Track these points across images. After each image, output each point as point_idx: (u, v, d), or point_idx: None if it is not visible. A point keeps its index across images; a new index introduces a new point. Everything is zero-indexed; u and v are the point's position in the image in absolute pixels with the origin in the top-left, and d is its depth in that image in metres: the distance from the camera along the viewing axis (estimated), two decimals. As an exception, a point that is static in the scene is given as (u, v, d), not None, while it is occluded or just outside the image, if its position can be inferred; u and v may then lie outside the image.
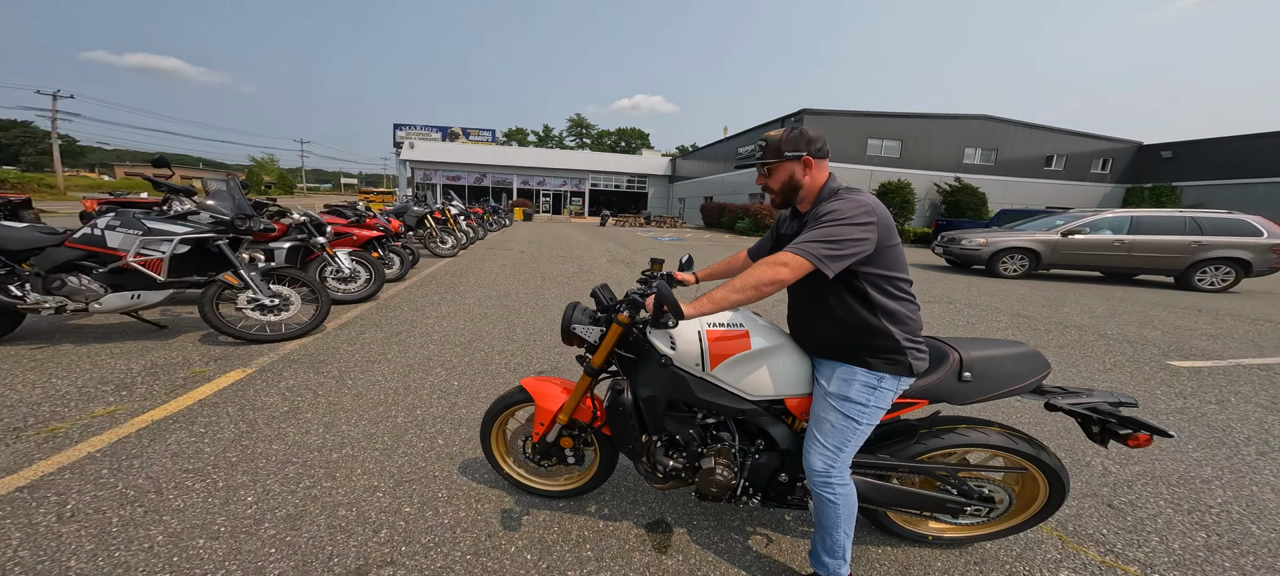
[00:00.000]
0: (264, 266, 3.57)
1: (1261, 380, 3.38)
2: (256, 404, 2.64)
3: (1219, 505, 1.88)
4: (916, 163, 22.81)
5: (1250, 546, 1.64)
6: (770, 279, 1.18)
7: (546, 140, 70.28)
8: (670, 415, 1.53)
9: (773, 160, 1.33)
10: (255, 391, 2.79)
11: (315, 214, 4.76)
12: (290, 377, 3.01)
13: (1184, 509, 1.85)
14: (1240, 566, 1.55)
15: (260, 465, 2.05)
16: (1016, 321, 5.17)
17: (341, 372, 3.13)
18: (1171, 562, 1.57)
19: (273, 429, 2.37)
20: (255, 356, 3.31)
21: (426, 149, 36.09)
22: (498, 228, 16.71)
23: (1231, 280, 7.76)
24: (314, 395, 2.78)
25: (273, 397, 2.72)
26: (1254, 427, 2.60)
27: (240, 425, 2.39)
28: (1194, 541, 1.67)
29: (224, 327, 3.41)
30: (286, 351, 3.44)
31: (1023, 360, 1.37)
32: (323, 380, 3.00)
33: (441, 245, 8.78)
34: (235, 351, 3.39)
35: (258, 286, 3.41)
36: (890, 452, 1.48)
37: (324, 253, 4.55)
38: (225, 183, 3.52)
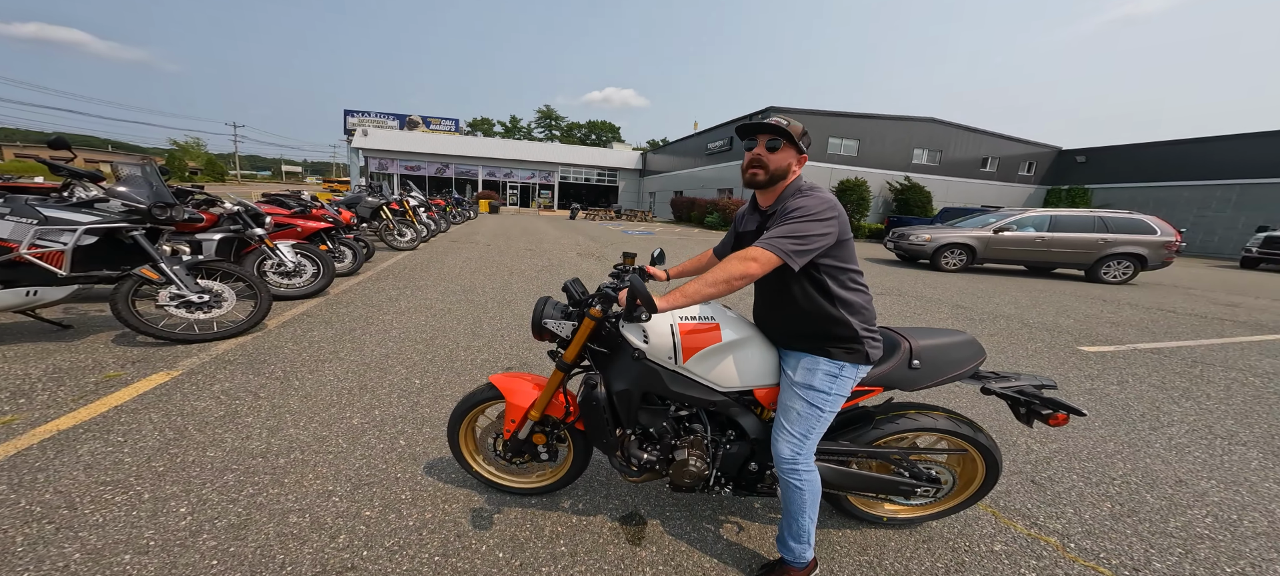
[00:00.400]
0: (190, 260, 3.22)
1: (1153, 363, 3.88)
2: (185, 409, 2.40)
3: (1120, 477, 2.14)
4: (871, 161, 24.07)
5: (1146, 514, 1.89)
6: (741, 273, 1.22)
7: (514, 132, 67.74)
8: (644, 408, 1.54)
9: (790, 139, 1.33)
10: (183, 395, 2.54)
11: (251, 203, 4.34)
12: (226, 380, 2.76)
13: (1093, 481, 2.09)
14: (1139, 532, 1.78)
15: (193, 474, 1.88)
16: (956, 312, 5.62)
17: (287, 373, 2.91)
18: (1084, 531, 1.78)
19: (206, 435, 2.17)
20: (182, 358, 3.01)
21: (382, 137, 33.93)
22: (462, 220, 16.02)
23: (1131, 273, 8.81)
24: (254, 397, 2.57)
25: (205, 401, 2.49)
26: (1147, 406, 2.98)
27: (166, 432, 2.17)
28: (1101, 511, 1.90)
29: (142, 327, 3.06)
30: (220, 352, 3.15)
31: (963, 348, 1.49)
32: (265, 381, 2.78)
33: (399, 238, 8.31)
34: (157, 353, 3.06)
35: (182, 281, 3.08)
36: (850, 439, 1.57)
37: (262, 244, 4.16)
38: (141, 167, 3.14)
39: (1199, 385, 3.38)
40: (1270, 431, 2.66)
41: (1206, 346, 4.43)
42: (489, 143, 38.89)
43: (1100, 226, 8.92)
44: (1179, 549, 1.69)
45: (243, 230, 4.04)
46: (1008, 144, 27.01)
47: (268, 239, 4.19)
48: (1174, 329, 5.09)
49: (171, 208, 3.10)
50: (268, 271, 4.35)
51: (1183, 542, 1.73)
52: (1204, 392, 3.23)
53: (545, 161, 36.91)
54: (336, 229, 5.57)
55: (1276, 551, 1.70)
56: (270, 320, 3.86)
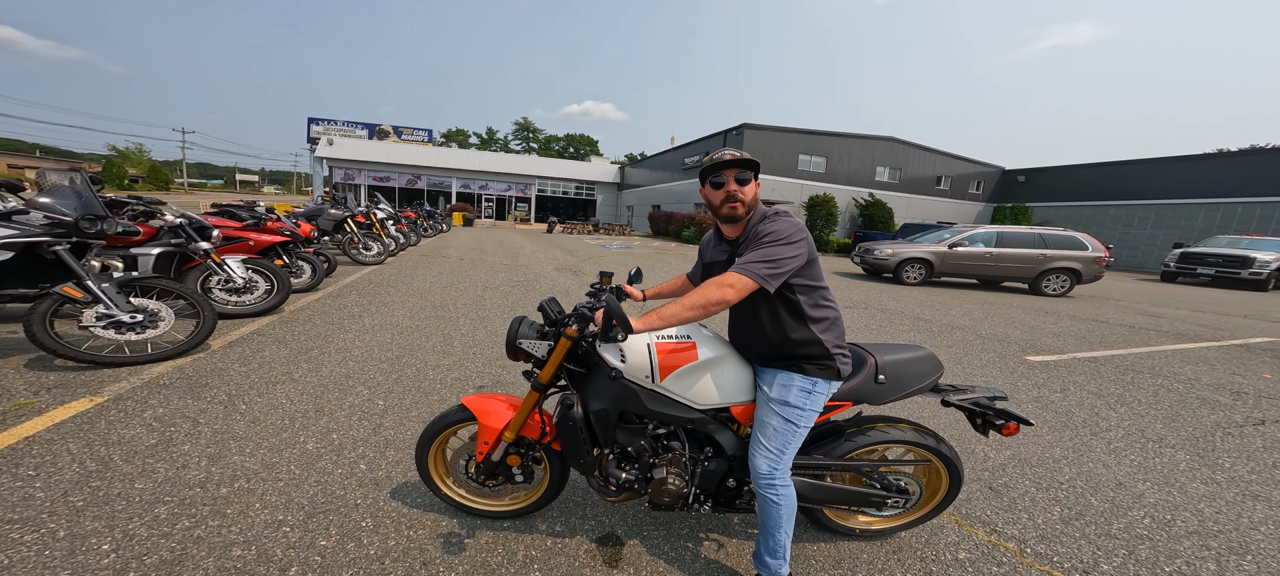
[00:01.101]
0: (122, 277, 2.96)
1: (1091, 371, 4.19)
2: (110, 437, 2.19)
3: (1068, 481, 2.27)
4: (838, 178, 25.21)
5: (1092, 517, 2.01)
6: (717, 299, 1.26)
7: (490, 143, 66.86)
8: (621, 427, 1.53)
9: (752, 172, 1.38)
10: (108, 423, 2.31)
11: (196, 215, 4.05)
12: (159, 405, 2.53)
13: (1044, 486, 2.21)
14: (1086, 535, 1.89)
15: (118, 508, 1.71)
16: (917, 324, 5.90)
17: (231, 396, 2.70)
18: (1038, 536, 1.87)
19: (135, 465, 1.99)
20: (108, 383, 2.74)
21: (349, 146, 32.65)
22: (434, 233, 15.53)
23: (1068, 287, 9.55)
24: (193, 423, 2.37)
25: (134, 429, 2.28)
26: (1087, 412, 3.20)
27: (87, 464, 1.97)
28: (1052, 515, 2.00)
29: (61, 350, 2.77)
30: (154, 375, 2.89)
31: (924, 362, 1.57)
32: (206, 406, 2.57)
33: (365, 252, 7.96)
34: (78, 377, 2.78)
35: (111, 299, 2.82)
36: (823, 452, 1.60)
37: (208, 259, 3.87)
38: (68, 176, 2.89)
39: (1131, 391, 3.66)
40: (1194, 434, 2.91)
41: (1136, 355, 4.83)
42: (464, 154, 38.08)
43: (1040, 242, 9.66)
44: (1123, 550, 1.80)
45: (186, 244, 3.75)
46: (959, 163, 29.00)
47: (215, 254, 3.90)
48: (1107, 338, 5.54)
49: (101, 220, 2.85)
50: (214, 288, 4.05)
51: (1125, 543, 1.84)
52: (1136, 398, 3.50)
53: (522, 174, 36.53)
54: (294, 243, 5.28)
55: (1207, 549, 1.84)
56: (216, 340, 3.59)
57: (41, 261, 2.75)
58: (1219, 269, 13.27)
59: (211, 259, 3.88)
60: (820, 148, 24.76)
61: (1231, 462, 2.55)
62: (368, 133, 37.28)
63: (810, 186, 24.13)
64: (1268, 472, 2.45)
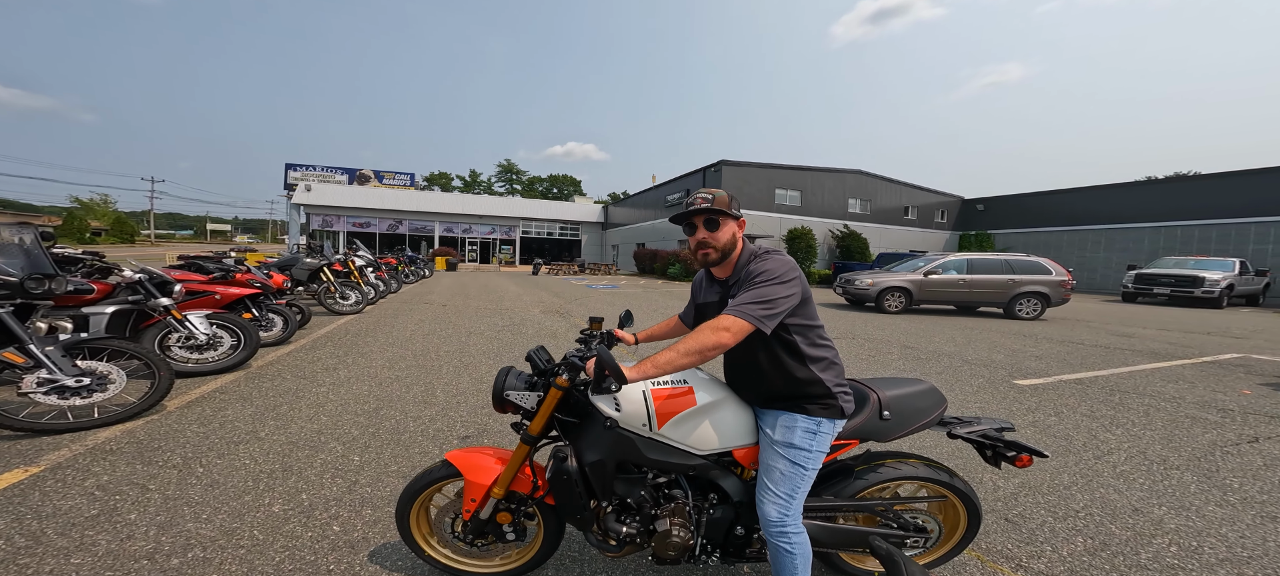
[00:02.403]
0: (68, 339, 2.74)
1: (1079, 393, 4.24)
2: (44, 510, 1.95)
3: (1083, 509, 2.21)
4: (814, 211, 26.14)
5: (1118, 547, 1.93)
6: (713, 344, 1.21)
7: (473, 186, 67.37)
8: (619, 477, 1.43)
9: (726, 214, 1.37)
10: (43, 495, 2.07)
11: (158, 270, 3.86)
12: (103, 473, 2.29)
13: (1060, 515, 2.15)
14: (1116, 566, 1.81)
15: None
16: (905, 353, 5.95)
17: (187, 459, 2.46)
18: (1067, 569, 1.78)
19: (72, 538, 1.77)
20: (47, 451, 2.48)
21: (328, 192, 32.50)
22: (416, 279, 15.25)
23: (1039, 310, 9.90)
24: (142, 490, 2.14)
25: (74, 500, 2.04)
26: (1086, 436, 3.19)
27: (16, 540, 1.74)
28: (1076, 546, 1.93)
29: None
30: (99, 441, 2.63)
31: (927, 396, 1.54)
32: (157, 471, 2.33)
33: (342, 301, 7.69)
34: (13, 447, 2.51)
35: (56, 363, 2.60)
36: (833, 493, 1.53)
37: (167, 316, 3.63)
38: (15, 233, 2.73)
39: (1123, 412, 3.69)
40: (1194, 454, 2.91)
41: (1118, 375, 4.93)
42: (446, 197, 38.18)
43: (1007, 268, 10.09)
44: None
45: (144, 300, 3.52)
46: (923, 194, 30.54)
47: (175, 310, 3.67)
48: (1087, 360, 5.67)
49: (49, 279, 2.67)
50: (174, 346, 3.78)
51: (1159, 574, 1.77)
52: (1129, 419, 3.53)
53: (506, 216, 36.60)
54: (265, 294, 5.06)
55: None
56: (173, 400, 3.32)
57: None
58: (1174, 288, 14.05)
59: (171, 315, 3.65)
60: (795, 182, 25.80)
61: (1239, 482, 2.54)
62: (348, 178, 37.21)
63: (789, 219, 24.95)
64: (1278, 492, 2.44)
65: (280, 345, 5.16)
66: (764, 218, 24.55)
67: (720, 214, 1.37)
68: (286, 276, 6.26)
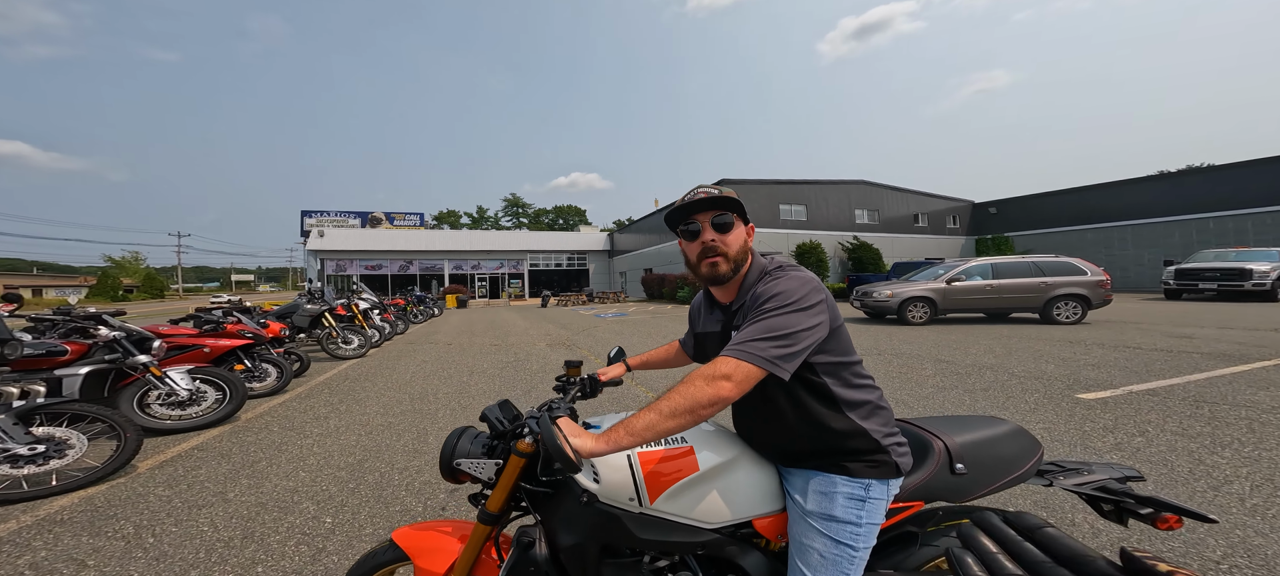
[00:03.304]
0: (22, 406, 2.53)
1: (1158, 406, 3.69)
2: (-47, 615, 1.63)
3: (1223, 558, 1.75)
4: (820, 224, 25.73)
5: (1282, 612, 1.48)
6: (710, 399, 0.87)
7: (481, 221, 68.72)
8: (608, 561, 1.07)
9: (734, 212, 1.07)
10: (-36, 591, 1.76)
11: (138, 327, 3.69)
12: (43, 547, 2.01)
13: (1196, 568, 1.69)
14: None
15: None
16: (939, 367, 5.44)
17: (138, 529, 2.17)
18: None
19: None
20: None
21: (341, 237, 33.42)
22: (425, 318, 15.13)
23: (1080, 314, 9.21)
24: (78, 568, 1.85)
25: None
26: (1187, 459, 2.67)
27: None
28: (1229, 614, 1.48)
29: None
30: (53, 510, 2.36)
31: (1011, 440, 1.17)
32: (103, 543, 2.04)
33: (344, 346, 7.52)
34: (-46, 527, 2.23)
35: (7, 432, 2.38)
36: (893, 565, 1.14)
37: (147, 373, 3.44)
38: None
39: (1221, 428, 3.14)
40: (1331, 476, 2.39)
41: (1196, 383, 4.34)
42: (455, 235, 38.90)
43: (1037, 271, 9.49)
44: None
45: (123, 359, 3.33)
46: (931, 200, 29.97)
47: (155, 367, 3.46)
48: (1153, 366, 5.07)
49: (3, 344, 2.49)
50: (153, 403, 3.56)
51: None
52: (1232, 437, 2.99)
53: (513, 250, 36.98)
54: (257, 344, 4.87)
55: None
56: (146, 460, 3.06)
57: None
58: (1221, 282, 13.14)
59: (151, 372, 3.43)
60: (799, 196, 25.52)
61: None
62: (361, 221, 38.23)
63: (796, 234, 24.56)
64: None
65: (274, 395, 4.92)
66: (770, 234, 24.24)
67: (733, 209, 1.06)
68: (285, 325, 6.09)
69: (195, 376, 3.75)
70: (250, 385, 4.67)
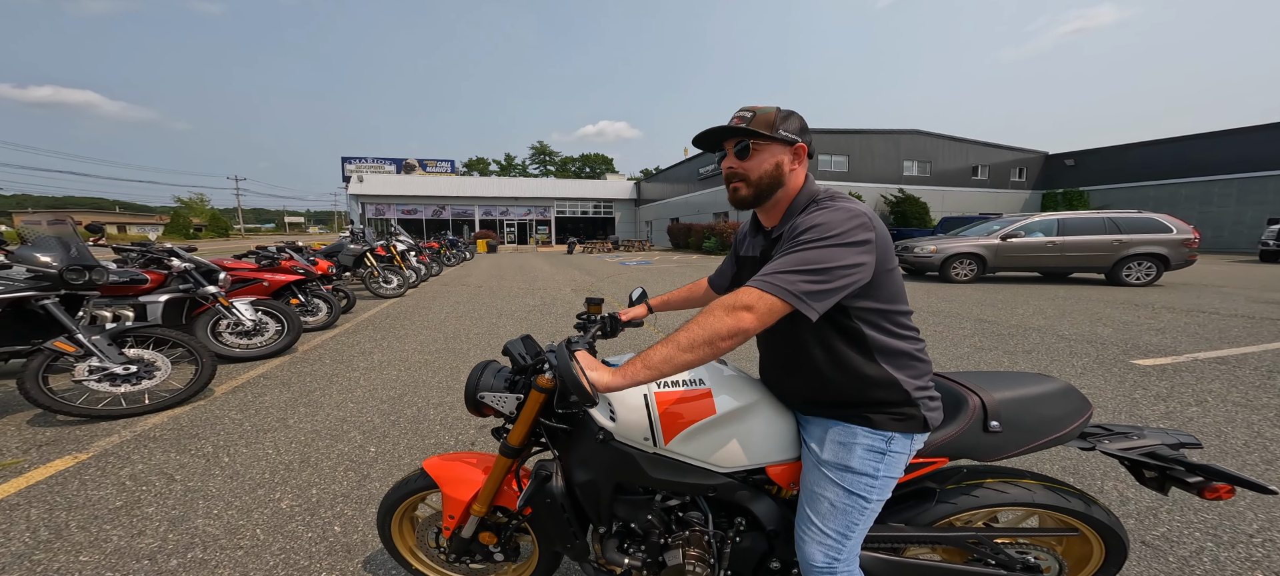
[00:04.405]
0: (114, 327, 2.86)
1: (1224, 375, 3.39)
2: (77, 500, 1.99)
3: (1259, 531, 1.66)
4: (863, 176, 24.09)
5: (1319, 590, 1.41)
6: (730, 331, 0.83)
7: (509, 169, 69.17)
8: (621, 499, 1.13)
9: (760, 136, 0.97)
10: (82, 483, 2.12)
11: (205, 259, 4.03)
12: (140, 461, 2.34)
13: (1225, 541, 1.61)
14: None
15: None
16: (980, 327, 5.17)
17: (216, 449, 2.49)
18: None
19: (88, 533, 1.77)
20: (99, 437, 2.60)
21: (378, 182, 34.59)
22: (457, 262, 15.73)
23: (1154, 274, 8.36)
24: (167, 481, 2.15)
25: (105, 490, 2.07)
26: (1245, 431, 2.49)
27: (41, 532, 1.77)
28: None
29: (57, 406, 2.67)
30: (147, 427, 2.73)
31: (1059, 400, 1.08)
32: (187, 460, 2.36)
33: (385, 285, 8.00)
34: (73, 433, 2.65)
35: (103, 352, 2.71)
36: (905, 520, 1.14)
37: (216, 303, 3.81)
38: (58, 224, 2.85)
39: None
40: (1407, 456, 2.16)
41: (1274, 351, 3.93)
42: (484, 182, 39.45)
43: (1112, 227, 8.57)
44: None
45: (194, 289, 3.69)
46: (995, 151, 27.15)
47: (223, 297, 3.83)
48: (1227, 333, 4.61)
49: (89, 270, 2.77)
50: (224, 332, 3.97)
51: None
52: (1301, 409, 2.74)
53: (541, 197, 37.23)
54: (309, 280, 5.24)
55: None
56: (222, 385, 3.46)
57: (33, 316, 2.68)
58: (1335, 243, 11.48)
59: (220, 303, 3.81)
60: (841, 146, 23.77)
61: None
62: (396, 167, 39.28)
63: (835, 187, 22.93)
64: None
65: (325, 330, 5.37)
66: (806, 186, 22.92)
67: (754, 136, 0.98)
68: (332, 263, 6.50)
69: (257, 308, 4.12)
70: (304, 319, 5.10)
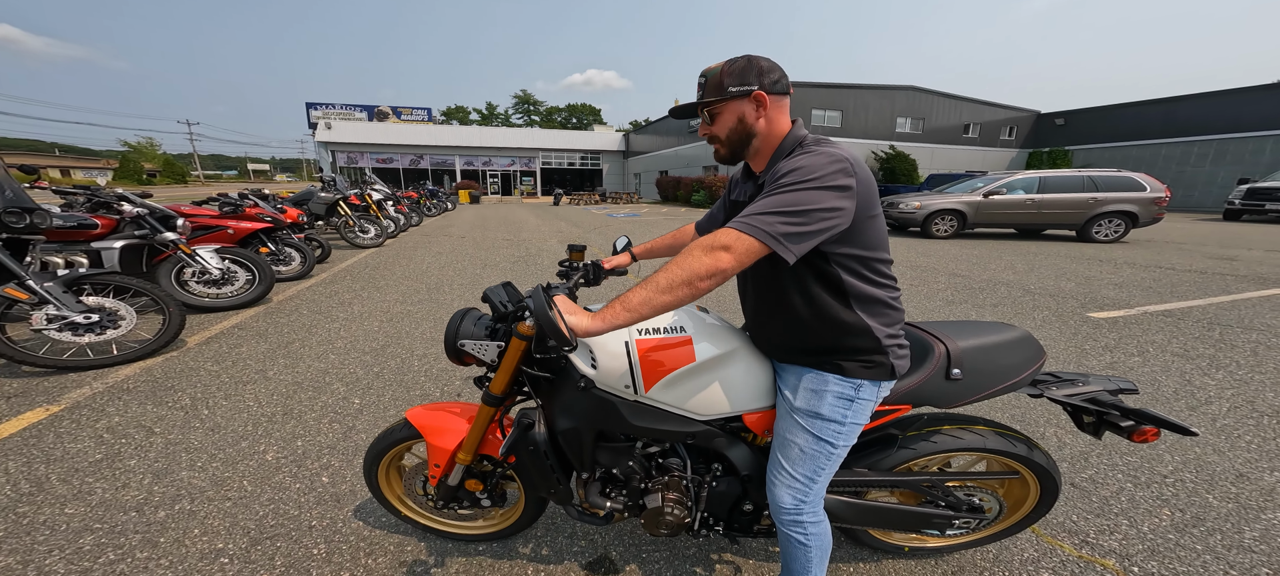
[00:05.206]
0: (67, 275, 2.71)
1: (1168, 327, 3.64)
2: (54, 453, 1.98)
3: (1172, 473, 1.85)
4: (856, 132, 23.70)
5: (1214, 522, 1.59)
6: (708, 271, 0.82)
7: (491, 118, 65.76)
8: (602, 446, 1.18)
9: (714, 99, 0.98)
10: (57, 436, 2.10)
11: (159, 205, 3.78)
12: (116, 414, 2.32)
13: (1143, 482, 1.79)
14: (1211, 547, 1.49)
15: (39, 538, 1.51)
16: (952, 281, 5.35)
17: (195, 400, 2.47)
18: (1146, 550, 1.47)
19: (71, 486, 1.77)
20: (70, 389, 2.54)
21: (348, 130, 32.58)
22: (438, 212, 15.23)
23: (1122, 231, 8.69)
24: (147, 434, 2.14)
25: (82, 443, 2.06)
26: (1177, 380, 2.70)
27: (21, 485, 1.77)
28: (1161, 521, 1.60)
29: (18, 356, 2.58)
30: (119, 379, 2.68)
31: (1016, 348, 1.14)
32: (165, 413, 2.34)
33: (361, 235, 7.71)
34: (41, 384, 2.59)
35: (58, 299, 2.58)
36: (868, 465, 1.23)
37: (177, 251, 3.62)
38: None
39: (1224, 351, 3.12)
40: (1315, 403, 2.40)
41: (1217, 305, 4.21)
42: (465, 131, 37.52)
43: (1090, 186, 8.75)
44: (1265, 569, 1.40)
45: (151, 235, 3.49)
46: (988, 110, 26.93)
47: (184, 244, 3.64)
48: (1178, 287, 4.89)
49: (30, 213, 2.58)
50: (189, 281, 3.82)
51: (1267, 558, 1.43)
52: (1232, 360, 2.98)
53: (525, 148, 35.82)
54: (278, 229, 5.01)
55: (1373, 559, 1.42)
56: (194, 336, 3.38)
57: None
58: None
59: (181, 250, 3.62)
60: (835, 101, 23.15)
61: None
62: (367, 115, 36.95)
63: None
64: None
65: (300, 280, 5.22)
66: (798, 139, 22.50)
67: (706, 103, 0.99)
68: (302, 211, 6.21)
69: (224, 256, 3.96)
70: (277, 269, 4.94)
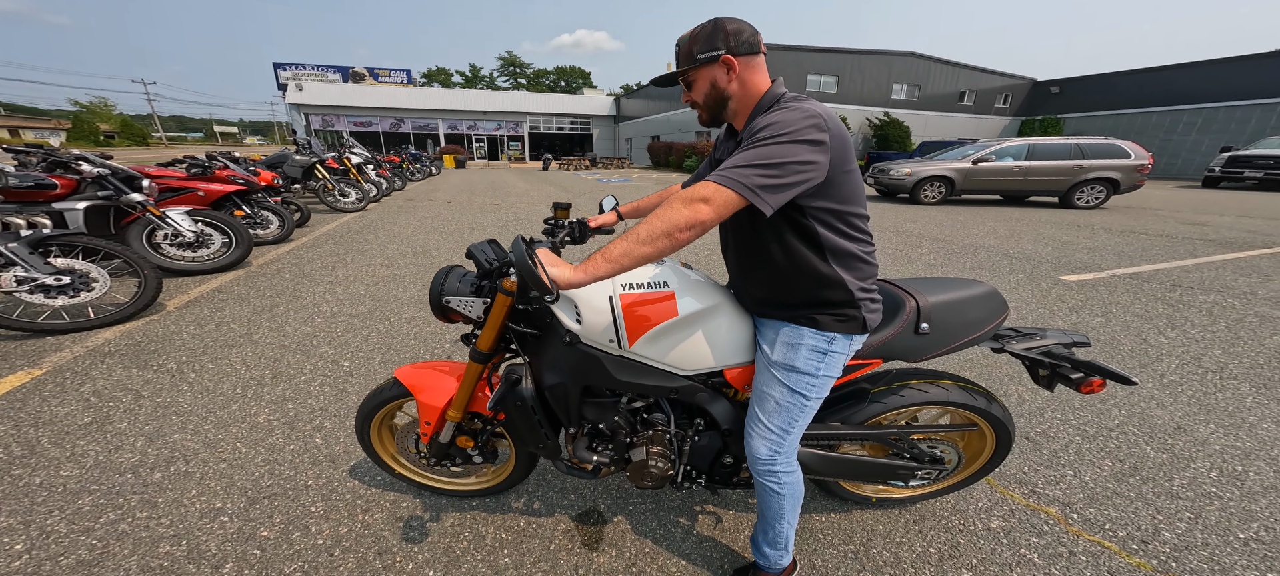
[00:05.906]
0: (32, 235, 2.60)
1: (1134, 289, 3.80)
2: (42, 417, 1.98)
3: (1118, 427, 1.98)
4: (851, 98, 23.21)
5: (1149, 471, 1.73)
6: (688, 222, 0.84)
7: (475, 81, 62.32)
8: (588, 401, 1.22)
9: (686, 68, 0.99)
10: (42, 400, 2.10)
11: (123, 166, 3.60)
12: (100, 377, 2.31)
13: (1090, 435, 1.93)
14: (1143, 494, 1.62)
15: (37, 500, 1.54)
16: (936, 245, 5.46)
17: (181, 364, 2.46)
18: (1086, 498, 1.61)
19: (63, 448, 1.79)
20: (49, 352, 2.52)
21: (322, 91, 30.73)
22: (422, 177, 14.75)
23: (1103, 197, 8.86)
24: (134, 397, 2.15)
25: (69, 406, 2.06)
26: (1135, 338, 2.86)
27: (12, 448, 1.78)
28: (1102, 471, 1.73)
29: None
30: (98, 342, 2.65)
31: (982, 303, 1.19)
32: (151, 376, 2.34)
33: (342, 199, 7.47)
34: (19, 347, 2.55)
35: (26, 260, 2.50)
36: (840, 419, 1.30)
37: (146, 212, 3.48)
38: None
39: (1181, 311, 3.30)
40: (1258, 361, 2.57)
41: (1182, 268, 4.39)
42: (448, 93, 35.71)
43: (1077, 153, 8.82)
44: (1187, 513, 1.54)
45: (116, 196, 3.34)
46: (985, 77, 26.53)
47: (153, 206, 3.50)
48: (1149, 251, 5.07)
49: None
50: (162, 243, 3.70)
51: (1191, 504, 1.58)
52: (1187, 320, 3.15)
53: (512, 111, 34.38)
54: (253, 191, 4.82)
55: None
56: (173, 299, 3.33)
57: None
58: (1269, 171, 12.25)
59: (150, 211, 3.49)
60: (831, 66, 22.48)
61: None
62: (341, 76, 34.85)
63: (819, 106, 22.26)
64: (1348, 404, 2.14)
65: (280, 243, 5.10)
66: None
67: (681, 74, 1.02)
68: (276, 174, 5.96)
69: (196, 218, 3.83)
70: (254, 232, 4.80)
